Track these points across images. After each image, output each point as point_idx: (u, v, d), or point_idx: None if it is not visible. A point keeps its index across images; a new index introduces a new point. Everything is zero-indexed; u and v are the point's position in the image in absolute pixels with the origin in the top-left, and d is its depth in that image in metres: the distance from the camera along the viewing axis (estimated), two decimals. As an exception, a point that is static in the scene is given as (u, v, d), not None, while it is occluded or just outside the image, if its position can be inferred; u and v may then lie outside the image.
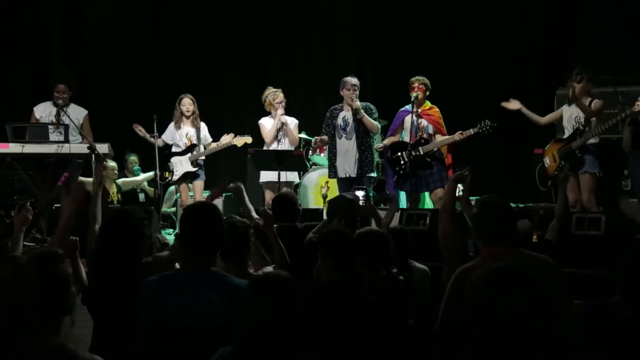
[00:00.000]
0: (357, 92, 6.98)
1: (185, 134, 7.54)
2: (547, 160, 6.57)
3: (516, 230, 3.10)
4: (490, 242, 2.97)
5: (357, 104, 6.88)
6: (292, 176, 7.37)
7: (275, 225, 4.23)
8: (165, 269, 3.28)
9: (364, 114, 6.89)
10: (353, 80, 6.99)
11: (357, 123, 6.95)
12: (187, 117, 7.52)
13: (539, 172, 6.64)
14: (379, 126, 7.08)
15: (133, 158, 8.74)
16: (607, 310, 2.45)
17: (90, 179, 7.19)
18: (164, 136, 7.56)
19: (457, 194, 3.90)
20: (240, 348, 2.10)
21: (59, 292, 2.15)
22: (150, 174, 8.34)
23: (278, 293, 2.11)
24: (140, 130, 7.55)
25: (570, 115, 6.44)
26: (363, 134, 6.96)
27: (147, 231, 3.37)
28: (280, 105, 7.28)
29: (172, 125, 7.56)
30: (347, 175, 6.98)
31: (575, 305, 2.51)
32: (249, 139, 7.43)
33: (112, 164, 8.03)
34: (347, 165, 6.99)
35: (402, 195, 7.51)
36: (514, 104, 6.69)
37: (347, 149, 7.00)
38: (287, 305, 2.10)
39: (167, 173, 7.54)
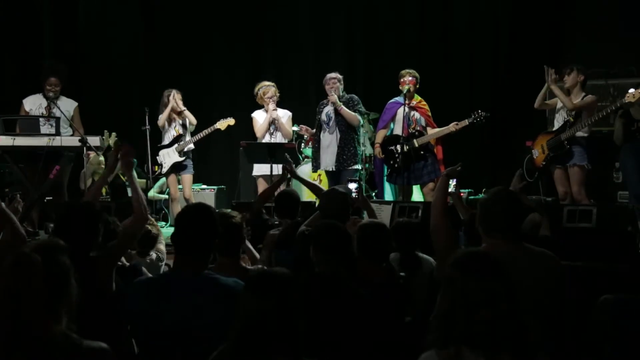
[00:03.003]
0: (339, 84, 7.06)
1: (174, 127, 7.54)
2: (535, 152, 6.60)
3: (520, 225, 3.10)
4: (492, 233, 2.99)
5: (334, 97, 6.94)
6: None
7: (276, 222, 4.25)
8: (118, 255, 3.28)
9: (341, 106, 6.94)
10: (332, 74, 7.10)
11: (339, 117, 7.00)
12: (178, 113, 7.53)
13: (527, 164, 6.68)
14: (360, 118, 7.07)
15: (98, 159, 8.44)
16: (638, 305, 2.44)
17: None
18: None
19: (449, 189, 3.92)
20: (236, 346, 2.08)
21: (62, 281, 2.14)
22: (142, 181, 8.21)
23: (273, 290, 2.09)
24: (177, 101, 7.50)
25: (562, 106, 6.46)
26: (345, 128, 7.02)
27: (100, 225, 3.26)
28: (270, 100, 7.27)
29: (164, 117, 7.55)
30: (329, 169, 7.10)
31: (605, 300, 2.49)
32: (231, 121, 7.45)
33: (99, 158, 7.98)
34: (329, 159, 7.08)
35: (392, 188, 7.54)
36: (552, 75, 6.55)
37: (330, 142, 7.10)
38: (282, 302, 2.07)
39: (156, 167, 7.54)
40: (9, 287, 2.01)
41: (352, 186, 5.81)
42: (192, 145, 7.57)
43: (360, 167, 7.17)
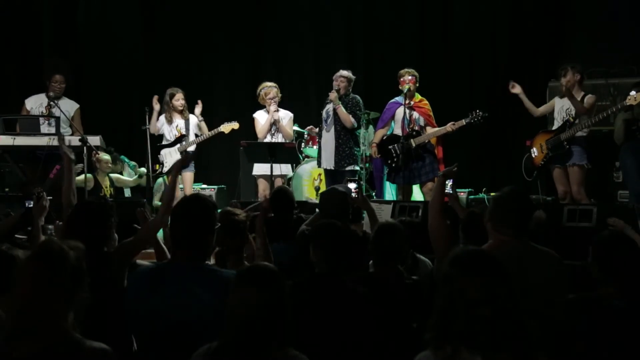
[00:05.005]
0: (345, 83, 7.05)
1: (176, 126, 7.54)
2: (534, 151, 6.58)
3: (529, 223, 3.11)
4: (503, 230, 2.99)
5: (333, 95, 6.93)
6: (285, 169, 7.39)
7: (272, 215, 4.25)
8: (133, 252, 3.28)
9: (339, 104, 6.93)
10: (342, 71, 7.09)
11: (337, 116, 7.01)
12: (180, 112, 7.52)
13: (526, 163, 6.68)
14: (353, 121, 7.04)
15: (106, 158, 8.08)
16: (599, 303, 2.44)
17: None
18: (157, 122, 7.55)
19: (446, 190, 3.91)
20: (227, 340, 2.09)
21: (80, 282, 2.13)
22: (141, 177, 8.16)
23: (262, 283, 2.10)
24: (157, 104, 7.48)
25: (561, 107, 6.46)
26: (340, 128, 7.02)
27: (113, 219, 3.31)
28: (272, 101, 7.27)
29: (162, 117, 7.54)
30: (327, 168, 7.10)
31: (568, 301, 2.50)
32: (235, 125, 7.42)
33: (105, 157, 7.96)
34: (326, 157, 7.09)
35: (392, 188, 7.54)
36: (516, 88, 6.66)
37: (326, 141, 7.11)
38: (272, 295, 2.09)
39: (157, 165, 7.53)
40: (36, 273, 2.02)
41: (352, 186, 5.81)
42: (193, 146, 7.56)
43: (357, 168, 7.17)
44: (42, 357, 2.00)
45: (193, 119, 7.59)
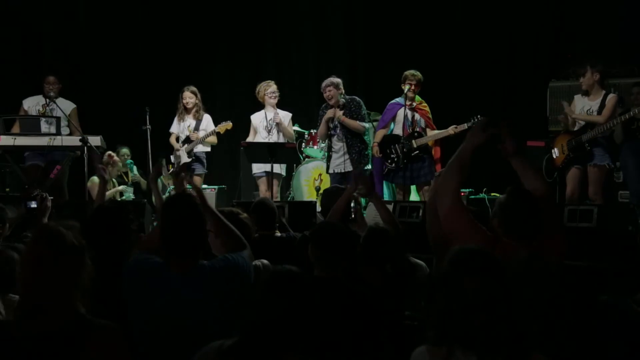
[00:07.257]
0: (335, 90, 6.98)
1: (187, 126, 7.55)
2: (555, 151, 6.51)
3: (536, 226, 3.09)
4: (512, 234, 2.97)
5: (339, 113, 6.91)
6: (280, 169, 7.38)
7: (256, 235, 4.21)
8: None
9: (345, 119, 6.92)
10: (326, 82, 7.04)
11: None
12: (189, 111, 7.52)
13: (546, 163, 6.63)
14: (366, 126, 7.05)
15: (125, 151, 8.48)
16: (627, 307, 2.44)
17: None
18: (172, 129, 7.57)
19: None
20: (244, 341, 2.06)
21: (81, 258, 2.15)
22: (121, 188, 8.17)
23: (289, 290, 2.07)
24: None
25: (582, 108, 6.39)
26: (350, 135, 7.02)
27: (133, 223, 3.34)
28: (273, 95, 7.29)
29: (176, 117, 7.58)
30: (335, 172, 7.09)
31: (600, 301, 2.50)
32: (229, 125, 7.43)
33: (120, 163, 7.99)
34: (338, 162, 7.07)
35: (387, 187, 7.54)
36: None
37: (338, 148, 7.09)
38: (297, 302, 2.05)
39: (170, 165, 7.56)
40: (40, 255, 2.05)
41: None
42: (203, 147, 7.54)
43: (371, 167, 7.17)
44: (55, 335, 2.03)
45: (207, 119, 7.59)
